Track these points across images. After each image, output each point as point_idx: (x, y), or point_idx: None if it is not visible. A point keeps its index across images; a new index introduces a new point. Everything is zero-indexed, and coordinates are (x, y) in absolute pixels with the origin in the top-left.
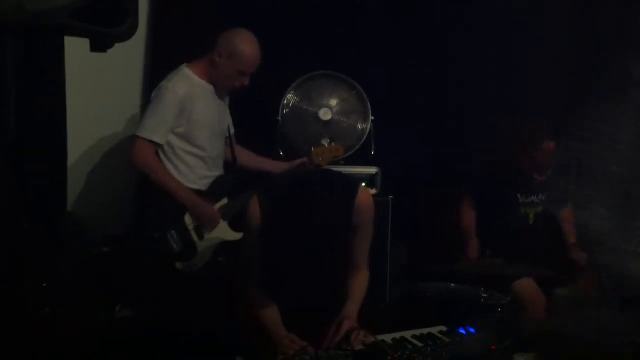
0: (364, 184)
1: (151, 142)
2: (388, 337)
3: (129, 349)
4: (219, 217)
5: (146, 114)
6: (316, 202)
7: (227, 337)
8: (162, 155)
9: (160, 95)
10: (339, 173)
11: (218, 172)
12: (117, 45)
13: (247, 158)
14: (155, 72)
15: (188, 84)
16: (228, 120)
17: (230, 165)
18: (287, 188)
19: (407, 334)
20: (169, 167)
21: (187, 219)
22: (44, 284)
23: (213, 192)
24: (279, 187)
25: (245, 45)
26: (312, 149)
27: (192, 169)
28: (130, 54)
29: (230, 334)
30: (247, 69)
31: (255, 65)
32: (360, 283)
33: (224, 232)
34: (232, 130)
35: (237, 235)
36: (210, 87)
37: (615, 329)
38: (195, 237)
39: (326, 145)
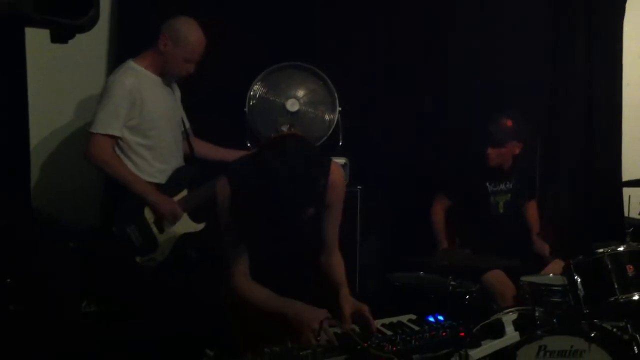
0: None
1: (107, 135)
2: (357, 326)
3: (97, 345)
4: (180, 210)
5: (97, 109)
6: (289, 180)
7: (197, 329)
8: (118, 151)
9: (107, 89)
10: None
11: (176, 163)
12: (81, 35)
13: (206, 149)
14: (120, 62)
15: (135, 76)
16: (181, 113)
17: (189, 158)
18: (258, 168)
19: (377, 323)
20: (126, 162)
21: (147, 212)
22: (8, 280)
23: (172, 184)
24: (249, 166)
25: (190, 32)
26: (272, 136)
27: (149, 162)
28: (93, 44)
29: (200, 326)
30: (192, 55)
31: (200, 51)
32: (340, 265)
33: (184, 224)
34: (187, 124)
35: (198, 227)
36: (158, 79)
37: None
38: (155, 231)
39: (285, 131)
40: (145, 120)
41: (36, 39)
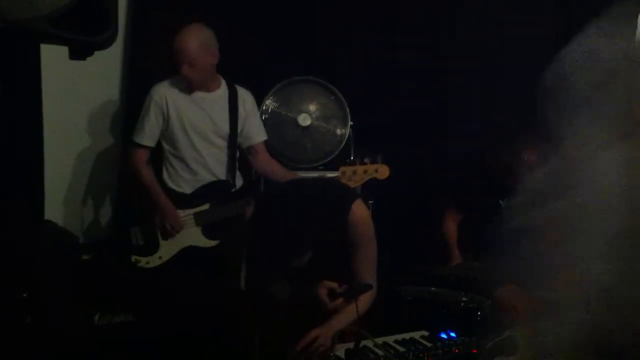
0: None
1: (137, 144)
2: (370, 342)
3: (109, 356)
4: (180, 225)
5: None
6: (303, 212)
7: (197, 329)
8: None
9: (145, 101)
10: (335, 183)
11: (209, 176)
12: (95, 52)
13: (270, 166)
14: (134, 79)
15: (166, 87)
16: (244, 125)
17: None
18: (276, 195)
19: (390, 339)
20: (163, 169)
21: (157, 217)
22: (24, 294)
23: (196, 196)
24: (270, 193)
25: (177, 37)
26: (342, 168)
27: (177, 170)
28: (108, 60)
29: (200, 326)
30: (176, 59)
31: (181, 56)
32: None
33: (193, 237)
34: (257, 139)
35: (209, 242)
36: (194, 91)
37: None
38: (159, 237)
39: (367, 163)
40: (172, 131)
41: (50, 53)
